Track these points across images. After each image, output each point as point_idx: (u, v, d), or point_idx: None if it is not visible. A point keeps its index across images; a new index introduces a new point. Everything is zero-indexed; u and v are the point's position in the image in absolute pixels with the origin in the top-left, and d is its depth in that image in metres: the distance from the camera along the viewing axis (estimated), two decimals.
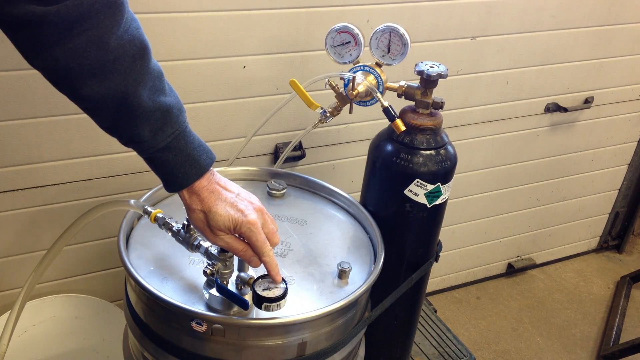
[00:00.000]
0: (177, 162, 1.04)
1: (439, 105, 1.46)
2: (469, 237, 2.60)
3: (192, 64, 1.68)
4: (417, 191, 1.44)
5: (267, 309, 1.07)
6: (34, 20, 0.87)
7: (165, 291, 1.16)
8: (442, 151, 1.45)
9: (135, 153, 1.07)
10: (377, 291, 1.39)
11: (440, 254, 1.62)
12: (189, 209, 1.08)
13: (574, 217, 2.86)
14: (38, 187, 1.66)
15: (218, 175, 1.10)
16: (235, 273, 1.13)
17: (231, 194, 1.09)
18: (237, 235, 1.08)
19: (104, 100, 0.96)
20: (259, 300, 1.07)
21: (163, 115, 1.01)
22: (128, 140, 1.03)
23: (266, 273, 1.11)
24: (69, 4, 0.88)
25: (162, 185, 1.37)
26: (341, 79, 1.47)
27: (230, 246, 1.08)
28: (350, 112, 1.48)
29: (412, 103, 1.48)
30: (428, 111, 1.46)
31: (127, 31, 0.95)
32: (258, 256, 1.09)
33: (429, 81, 1.43)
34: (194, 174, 1.05)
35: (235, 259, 1.13)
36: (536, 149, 2.48)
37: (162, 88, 1.02)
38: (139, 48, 0.96)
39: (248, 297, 1.10)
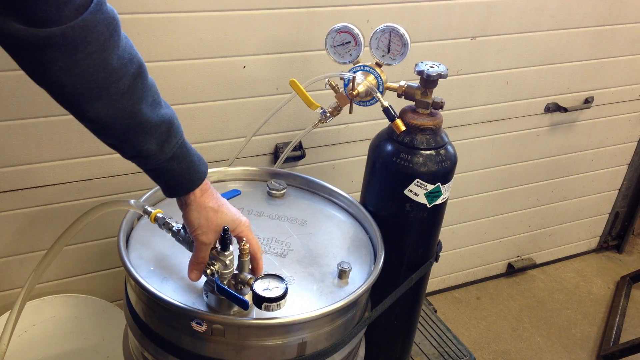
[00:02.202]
0: (182, 168, 1.07)
1: (439, 105, 1.46)
2: (469, 237, 2.60)
3: (192, 64, 1.68)
4: (417, 191, 1.44)
5: (267, 309, 1.07)
6: (38, 43, 0.85)
7: (165, 291, 1.17)
8: (442, 151, 1.45)
9: None
10: (377, 291, 1.39)
11: (440, 254, 1.62)
12: (200, 207, 1.10)
13: (574, 217, 2.86)
14: (38, 187, 1.66)
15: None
16: (236, 273, 1.13)
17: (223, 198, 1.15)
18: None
19: (112, 121, 0.97)
20: (259, 300, 1.07)
21: (167, 128, 1.02)
22: (133, 155, 1.04)
23: (268, 273, 1.11)
24: (74, 25, 0.86)
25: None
26: (341, 79, 1.47)
27: (208, 249, 1.12)
28: (350, 112, 1.48)
29: (412, 103, 1.48)
30: (428, 111, 1.46)
31: (125, 50, 0.95)
32: (255, 256, 1.15)
33: (429, 81, 1.43)
34: (198, 178, 1.09)
35: (235, 259, 1.13)
36: (536, 149, 2.48)
37: (160, 101, 1.03)
38: (137, 66, 0.97)
39: (248, 297, 1.10)
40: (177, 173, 1.07)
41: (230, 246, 1.12)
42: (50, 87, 0.93)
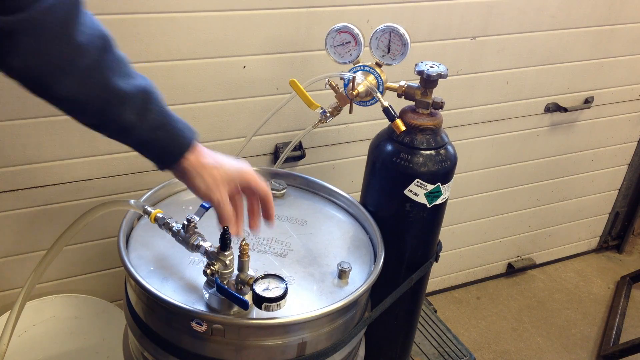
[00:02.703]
0: (169, 136, 1.05)
1: (439, 105, 1.46)
2: (469, 237, 2.60)
3: (192, 64, 1.68)
4: (417, 191, 1.44)
5: (267, 309, 1.07)
6: (5, 30, 0.87)
7: (165, 291, 1.16)
8: (442, 151, 1.45)
9: (135, 153, 1.07)
10: (377, 291, 1.39)
11: (440, 254, 1.62)
12: (199, 169, 1.08)
13: (574, 217, 2.86)
14: (38, 187, 1.66)
15: None
16: (235, 273, 1.13)
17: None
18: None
19: (85, 97, 0.96)
20: (259, 300, 1.07)
21: (144, 97, 1.01)
22: (117, 130, 1.03)
23: (268, 273, 1.11)
24: (37, 8, 0.87)
25: (162, 185, 1.37)
26: (341, 79, 1.47)
27: (228, 204, 1.11)
28: (350, 112, 1.48)
29: (412, 103, 1.48)
30: (428, 111, 1.46)
31: (89, 25, 0.95)
32: (266, 198, 1.16)
33: (429, 81, 1.43)
34: (187, 142, 1.07)
35: (236, 259, 1.13)
36: (536, 149, 2.48)
37: (132, 72, 1.02)
38: (103, 39, 0.97)
39: (248, 297, 1.10)
40: (164, 141, 1.05)
41: (230, 246, 1.12)
42: (17, 72, 0.93)
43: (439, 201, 1.47)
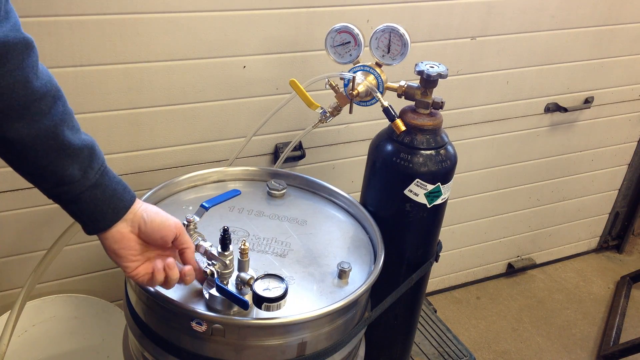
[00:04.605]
0: (106, 197, 1.01)
1: (439, 105, 1.46)
2: (469, 237, 2.60)
3: (192, 64, 1.68)
4: (417, 191, 1.44)
5: (267, 309, 1.07)
6: None
7: (165, 291, 1.16)
8: (442, 151, 1.45)
9: (135, 153, 1.07)
10: (377, 291, 1.39)
11: (440, 254, 1.62)
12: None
13: (574, 217, 2.86)
14: None
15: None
16: (235, 273, 1.13)
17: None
18: None
19: (34, 142, 0.93)
20: (259, 300, 1.07)
21: (90, 152, 0.99)
22: (56, 183, 0.98)
23: (268, 273, 1.11)
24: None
25: (161, 185, 1.37)
26: (341, 79, 1.47)
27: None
28: (350, 112, 1.48)
29: (412, 103, 1.48)
30: (428, 111, 1.46)
31: (44, 72, 0.93)
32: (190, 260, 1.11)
33: (429, 81, 1.43)
34: (123, 206, 1.03)
35: (236, 259, 1.13)
36: (536, 149, 2.48)
37: (79, 128, 0.99)
38: (56, 88, 0.94)
39: (248, 297, 1.10)
40: (100, 201, 1.01)
41: (230, 246, 1.12)
42: None
43: (439, 201, 1.47)
